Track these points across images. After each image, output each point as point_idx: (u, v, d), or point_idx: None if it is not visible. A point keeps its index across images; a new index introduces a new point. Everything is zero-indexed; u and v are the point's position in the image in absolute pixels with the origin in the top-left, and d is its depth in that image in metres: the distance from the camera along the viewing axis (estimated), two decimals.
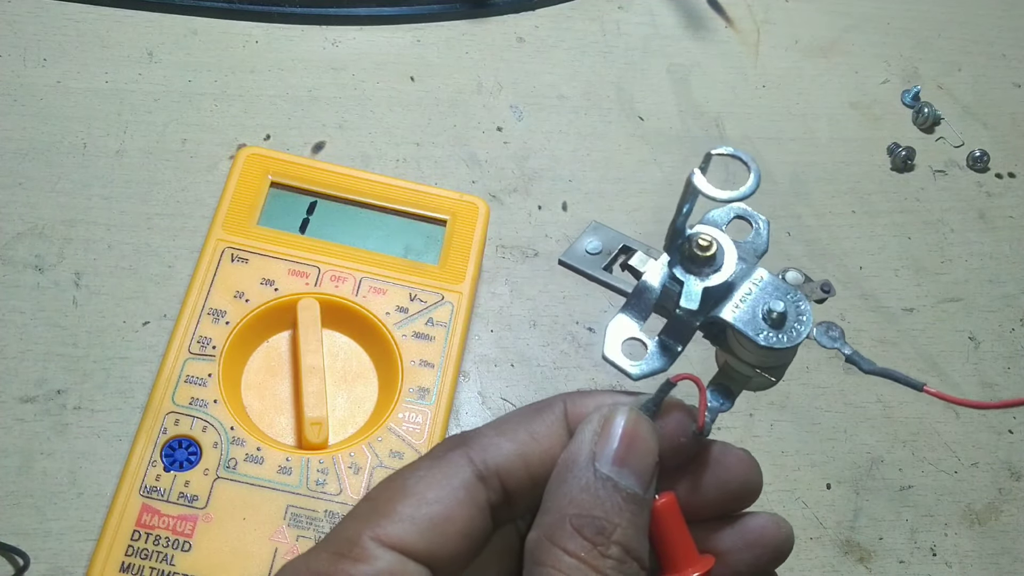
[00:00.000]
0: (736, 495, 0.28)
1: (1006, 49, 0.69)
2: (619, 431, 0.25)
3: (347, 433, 0.45)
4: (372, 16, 0.60)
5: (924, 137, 0.63)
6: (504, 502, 0.26)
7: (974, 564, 0.49)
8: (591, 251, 0.33)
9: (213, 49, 0.58)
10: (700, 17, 0.66)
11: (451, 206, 0.50)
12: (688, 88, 0.62)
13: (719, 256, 0.28)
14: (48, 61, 0.55)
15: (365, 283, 0.47)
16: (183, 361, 0.44)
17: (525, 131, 0.58)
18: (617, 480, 0.24)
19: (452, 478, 0.25)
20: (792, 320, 0.28)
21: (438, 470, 0.25)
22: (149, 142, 0.54)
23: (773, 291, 0.28)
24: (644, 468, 0.25)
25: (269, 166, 0.50)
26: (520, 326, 0.52)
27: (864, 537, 0.48)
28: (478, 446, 0.25)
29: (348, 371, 0.46)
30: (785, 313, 0.28)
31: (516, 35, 0.62)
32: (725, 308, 0.28)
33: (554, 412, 0.27)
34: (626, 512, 0.24)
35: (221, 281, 0.46)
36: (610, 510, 0.24)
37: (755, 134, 0.61)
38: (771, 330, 0.27)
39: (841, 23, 0.68)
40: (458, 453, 0.25)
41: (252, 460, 0.42)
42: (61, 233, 0.50)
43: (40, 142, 0.53)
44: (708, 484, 0.27)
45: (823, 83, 0.65)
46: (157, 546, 0.40)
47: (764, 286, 0.28)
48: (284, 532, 0.41)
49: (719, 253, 0.28)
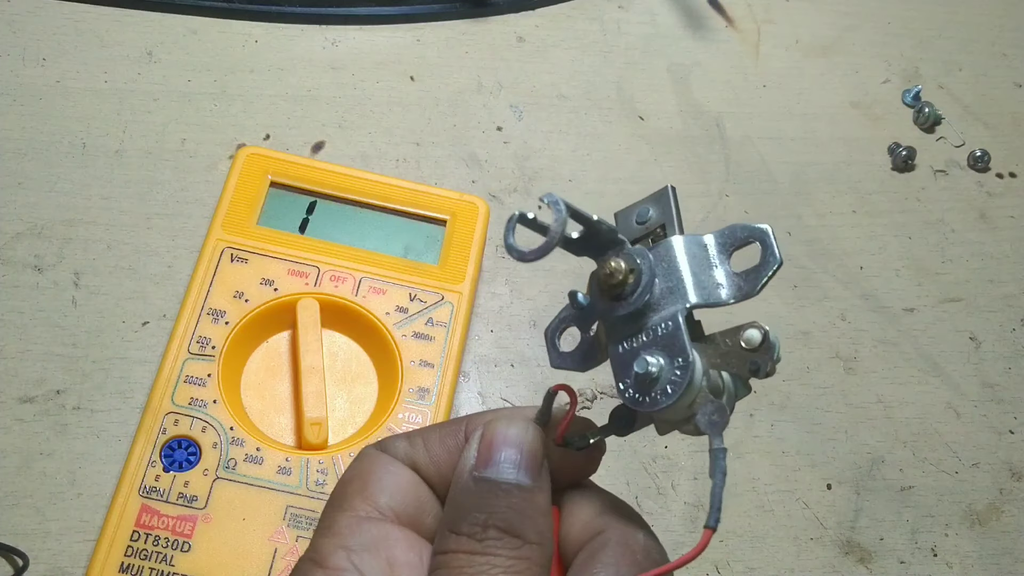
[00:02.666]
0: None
1: (1007, 49, 0.69)
2: (492, 438, 0.27)
3: (347, 433, 0.45)
4: (372, 16, 0.60)
5: (925, 137, 0.63)
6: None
7: (975, 564, 0.48)
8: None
9: (212, 49, 0.58)
10: (700, 17, 0.66)
11: (451, 206, 0.50)
12: (688, 88, 0.62)
13: (633, 285, 0.26)
14: (47, 61, 0.55)
15: (365, 283, 0.47)
16: (183, 361, 0.44)
17: (525, 131, 0.58)
18: (494, 478, 0.26)
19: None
20: (660, 385, 0.25)
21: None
22: (148, 142, 0.54)
23: (667, 344, 0.25)
24: (521, 462, 0.27)
25: (269, 166, 0.50)
26: (520, 326, 0.52)
27: (865, 537, 0.48)
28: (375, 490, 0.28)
29: (348, 371, 0.46)
30: (651, 376, 0.25)
31: (516, 35, 0.62)
32: (620, 334, 0.26)
33: (456, 434, 0.29)
34: (502, 500, 0.26)
35: (221, 281, 0.46)
36: (487, 504, 0.26)
37: (755, 134, 0.61)
38: (635, 384, 0.25)
39: (842, 23, 0.68)
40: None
41: (251, 460, 0.42)
42: (60, 233, 0.50)
43: (39, 142, 0.52)
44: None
45: (824, 83, 0.64)
46: (156, 546, 0.40)
47: (666, 335, 0.25)
48: (284, 532, 0.41)
49: (635, 282, 0.26)
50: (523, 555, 0.25)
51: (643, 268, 0.26)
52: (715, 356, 0.25)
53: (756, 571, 0.47)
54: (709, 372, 0.25)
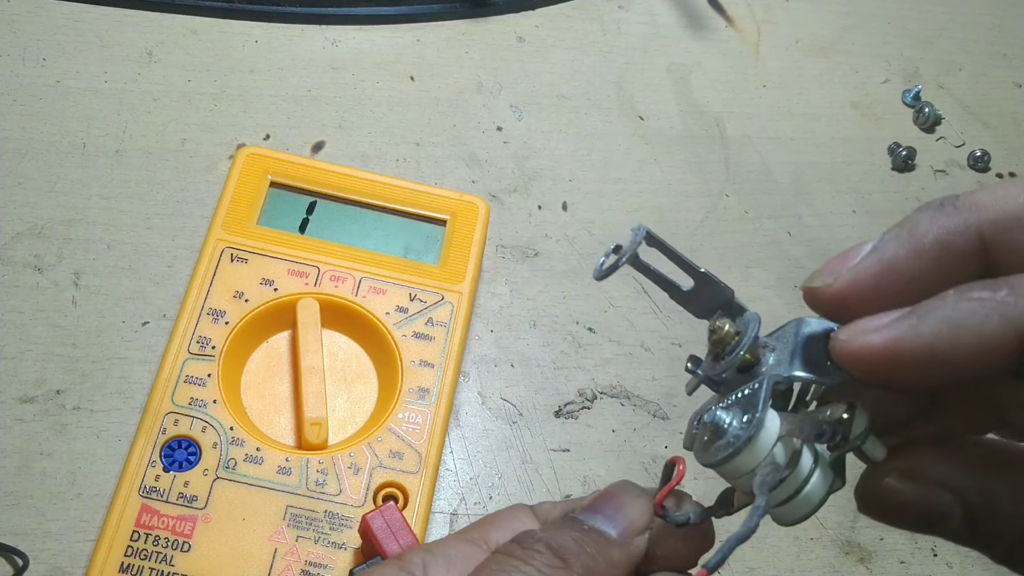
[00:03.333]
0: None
1: (1007, 49, 0.69)
2: (606, 491, 0.26)
3: (347, 433, 0.45)
4: (372, 16, 0.60)
5: (925, 137, 0.63)
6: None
7: (975, 564, 0.48)
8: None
9: (212, 49, 0.58)
10: (700, 17, 0.66)
11: (451, 206, 0.50)
12: (688, 88, 0.62)
13: (733, 346, 0.26)
14: (47, 61, 0.55)
15: (365, 283, 0.47)
16: (182, 361, 0.44)
17: (525, 131, 0.58)
18: (582, 520, 0.25)
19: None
20: (725, 438, 0.24)
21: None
22: (148, 142, 0.54)
23: (746, 403, 0.25)
24: (616, 517, 0.26)
25: (269, 166, 0.50)
26: (520, 326, 0.52)
27: (865, 537, 0.48)
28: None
29: (348, 371, 0.46)
30: (718, 428, 0.24)
31: (516, 35, 0.62)
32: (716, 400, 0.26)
33: (518, 519, 0.27)
34: (573, 533, 0.25)
35: (220, 281, 0.46)
36: (557, 531, 0.25)
37: (755, 134, 0.61)
38: (701, 434, 0.25)
39: (841, 23, 0.68)
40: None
41: (251, 460, 0.42)
42: (60, 233, 0.50)
43: (39, 142, 0.52)
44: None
45: (823, 83, 0.64)
46: (156, 546, 0.40)
47: (749, 395, 0.25)
48: (284, 532, 0.41)
49: (736, 343, 0.25)
50: (555, 575, 0.24)
51: (747, 329, 0.26)
52: (794, 423, 0.24)
53: (756, 571, 0.47)
54: (788, 444, 0.24)
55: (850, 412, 0.24)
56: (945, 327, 0.22)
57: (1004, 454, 0.25)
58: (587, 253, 0.54)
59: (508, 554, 0.24)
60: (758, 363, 0.26)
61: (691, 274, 0.27)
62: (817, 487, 0.25)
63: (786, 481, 0.24)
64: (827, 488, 0.25)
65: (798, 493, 0.25)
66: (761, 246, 0.57)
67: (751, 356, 0.26)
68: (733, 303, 0.27)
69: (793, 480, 0.24)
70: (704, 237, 0.56)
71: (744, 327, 0.26)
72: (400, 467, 0.43)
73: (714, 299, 0.27)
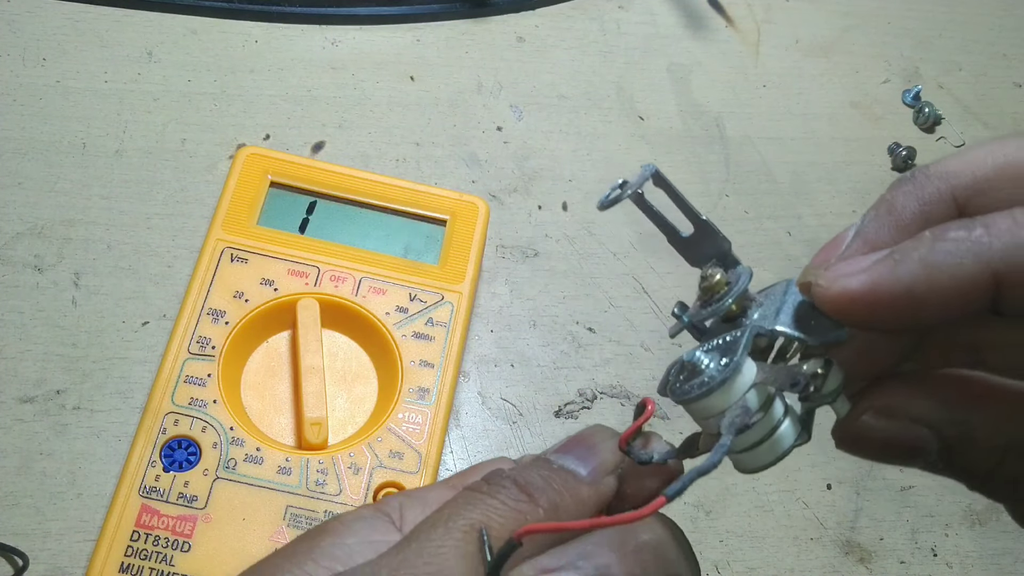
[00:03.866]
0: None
1: (1007, 49, 0.69)
2: (577, 435, 0.26)
3: (347, 433, 0.45)
4: (372, 16, 0.60)
5: (925, 137, 0.63)
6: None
7: (975, 564, 0.48)
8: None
9: (212, 49, 0.58)
10: (700, 17, 0.66)
11: (451, 206, 0.50)
12: (688, 88, 0.62)
13: (722, 295, 0.26)
14: (47, 61, 0.55)
15: (365, 283, 0.47)
16: (182, 361, 0.44)
17: (525, 131, 0.58)
18: (552, 459, 0.25)
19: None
20: (699, 378, 0.24)
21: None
22: (148, 142, 0.54)
23: (726, 348, 0.25)
24: (587, 454, 0.26)
25: (268, 166, 0.50)
26: (520, 326, 0.52)
27: (865, 537, 0.48)
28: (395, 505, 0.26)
29: (348, 371, 0.46)
30: (696, 368, 0.25)
31: (516, 35, 0.62)
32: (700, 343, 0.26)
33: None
34: (543, 471, 0.25)
35: (220, 281, 0.46)
36: (528, 470, 0.25)
37: (755, 134, 0.61)
38: (677, 372, 0.25)
39: (841, 23, 0.68)
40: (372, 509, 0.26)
41: (252, 460, 0.42)
42: (60, 233, 0.50)
43: (39, 142, 0.52)
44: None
45: (824, 83, 0.64)
46: (156, 547, 0.40)
47: (729, 341, 0.25)
48: (284, 532, 0.41)
49: (725, 292, 0.26)
50: (520, 509, 0.24)
51: (738, 280, 0.26)
52: (770, 373, 0.25)
53: (756, 571, 0.47)
54: (762, 391, 0.25)
55: (826, 368, 0.24)
56: (922, 269, 0.22)
57: (977, 388, 0.25)
58: (587, 253, 0.54)
59: (475, 489, 0.24)
60: (743, 315, 0.26)
61: (692, 220, 0.27)
62: (784, 438, 0.25)
63: (755, 427, 0.24)
64: (794, 440, 0.25)
65: (764, 441, 0.25)
66: (761, 246, 0.57)
67: (737, 307, 0.26)
68: (729, 255, 0.27)
69: (762, 427, 0.25)
70: None
71: (735, 279, 0.26)
72: (400, 467, 0.43)
73: (711, 249, 0.27)
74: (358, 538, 0.25)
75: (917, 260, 0.22)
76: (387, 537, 0.24)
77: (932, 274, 0.22)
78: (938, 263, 0.22)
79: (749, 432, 0.24)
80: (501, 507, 0.23)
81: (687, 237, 0.27)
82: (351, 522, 0.25)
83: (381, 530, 0.25)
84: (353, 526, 0.25)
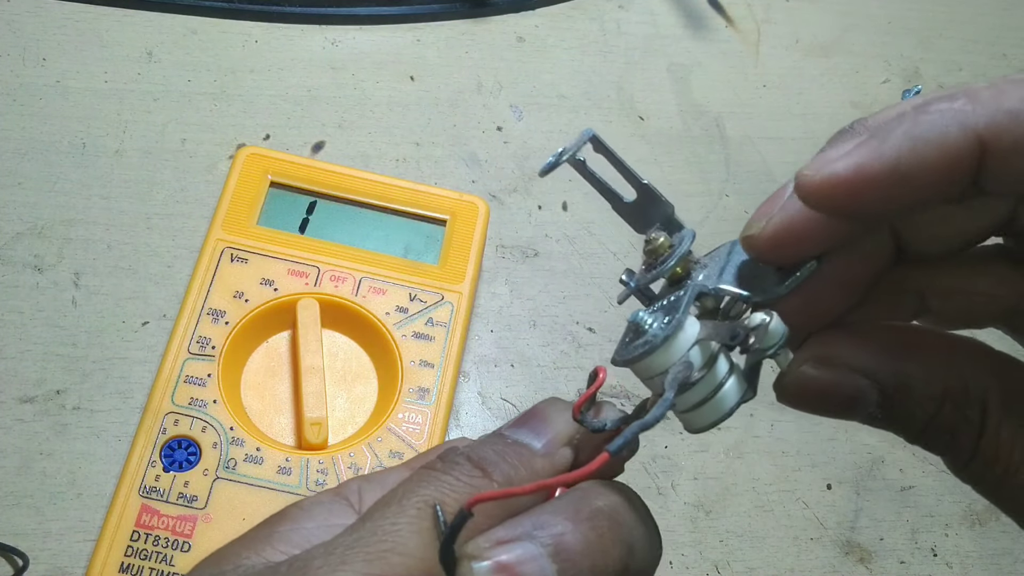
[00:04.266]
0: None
1: (1007, 49, 0.69)
2: (532, 409, 0.26)
3: (347, 433, 0.45)
4: (372, 16, 0.60)
5: None
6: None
7: (975, 564, 0.48)
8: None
9: (212, 49, 0.58)
10: (700, 17, 0.66)
11: (451, 206, 0.50)
12: (688, 88, 0.62)
13: (665, 257, 0.26)
14: (47, 61, 0.55)
15: (365, 283, 0.47)
16: (182, 361, 0.44)
17: (525, 131, 0.58)
18: (506, 434, 0.25)
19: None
20: (643, 337, 0.25)
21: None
22: (148, 142, 0.54)
23: (669, 308, 0.25)
24: (541, 426, 0.26)
25: (268, 166, 0.50)
26: (520, 326, 0.52)
27: (865, 537, 0.48)
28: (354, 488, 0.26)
29: (348, 371, 0.46)
30: (640, 328, 0.25)
31: (516, 35, 0.62)
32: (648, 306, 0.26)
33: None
34: (496, 445, 0.25)
35: (220, 281, 0.46)
36: (481, 445, 0.25)
37: (756, 134, 0.61)
38: (624, 336, 0.25)
39: (842, 23, 0.68)
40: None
41: (252, 460, 0.42)
42: (60, 233, 0.50)
43: (39, 142, 0.52)
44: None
45: (824, 83, 0.64)
46: (156, 546, 0.40)
47: (673, 301, 0.25)
48: None
49: (669, 254, 0.26)
50: (474, 484, 0.24)
51: (680, 243, 0.26)
52: (712, 329, 0.25)
53: (756, 571, 0.47)
54: (705, 348, 0.25)
55: (766, 319, 0.24)
56: (907, 143, 0.22)
57: (914, 338, 0.25)
58: (587, 253, 0.54)
59: (430, 467, 0.24)
60: (688, 277, 0.26)
61: (635, 186, 0.27)
62: (730, 394, 0.25)
63: (700, 384, 0.24)
64: (739, 396, 0.25)
65: (711, 398, 0.25)
66: None
67: (682, 269, 0.26)
68: (673, 220, 0.27)
69: (706, 384, 0.25)
70: (704, 237, 0.56)
71: (679, 242, 0.26)
72: None
73: (655, 214, 0.27)
74: (316, 523, 0.25)
75: (901, 134, 0.22)
76: (345, 520, 0.24)
77: (917, 146, 0.22)
78: (922, 135, 0.22)
79: (693, 389, 0.25)
80: (455, 483, 0.23)
81: (631, 203, 0.28)
82: (309, 507, 0.25)
83: (339, 513, 0.25)
84: (312, 511, 0.25)
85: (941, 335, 0.26)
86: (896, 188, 0.22)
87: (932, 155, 0.22)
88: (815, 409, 0.26)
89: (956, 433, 0.24)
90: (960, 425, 0.24)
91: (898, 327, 0.26)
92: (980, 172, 0.22)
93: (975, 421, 0.24)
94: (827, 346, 0.25)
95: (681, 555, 0.47)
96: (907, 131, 0.22)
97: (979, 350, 0.25)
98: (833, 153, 0.23)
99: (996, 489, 0.24)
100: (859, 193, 0.22)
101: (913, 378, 0.24)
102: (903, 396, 0.25)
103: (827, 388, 0.25)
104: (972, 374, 0.24)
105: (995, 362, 0.25)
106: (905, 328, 0.26)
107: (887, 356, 0.25)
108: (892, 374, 0.25)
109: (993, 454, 0.24)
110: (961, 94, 0.22)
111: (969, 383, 0.24)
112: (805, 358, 0.25)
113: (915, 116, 0.22)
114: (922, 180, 0.22)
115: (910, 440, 0.25)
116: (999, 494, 0.25)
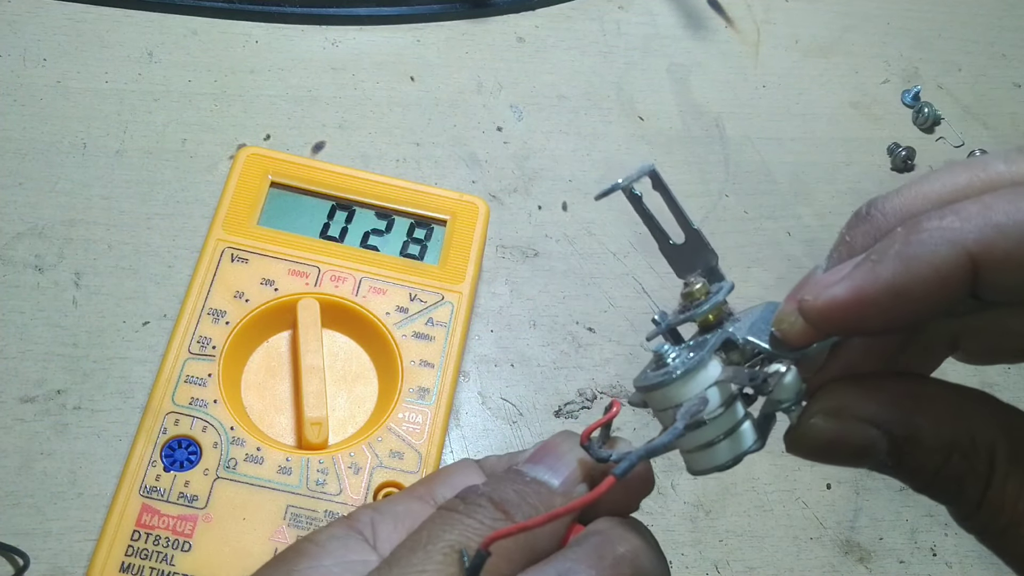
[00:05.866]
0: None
1: (1006, 49, 0.69)
2: (546, 444, 0.27)
3: (347, 433, 0.45)
4: (372, 16, 0.60)
5: (924, 137, 0.63)
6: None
7: (974, 564, 0.48)
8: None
9: (213, 49, 0.58)
10: (700, 17, 0.66)
11: (451, 206, 0.50)
12: (688, 88, 0.62)
13: (700, 302, 0.27)
14: (48, 61, 0.55)
15: (365, 283, 0.47)
16: (183, 361, 0.44)
17: (525, 131, 0.58)
18: (524, 472, 0.26)
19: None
20: (664, 368, 0.25)
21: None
22: (149, 142, 0.54)
23: (696, 346, 0.26)
24: (556, 466, 0.26)
25: (269, 166, 0.50)
26: (520, 326, 0.52)
27: (864, 537, 0.48)
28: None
29: (348, 371, 0.46)
30: (662, 359, 0.25)
31: (516, 35, 0.62)
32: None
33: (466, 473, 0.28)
34: (516, 485, 0.25)
35: (221, 281, 0.46)
36: (501, 485, 0.25)
37: (755, 134, 0.61)
38: (649, 365, 0.26)
39: (841, 23, 0.68)
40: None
41: (252, 460, 0.42)
42: (61, 233, 0.50)
43: (40, 142, 0.52)
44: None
45: (823, 83, 0.65)
46: (157, 546, 0.40)
47: (701, 341, 0.26)
48: (284, 532, 0.41)
49: (704, 299, 0.27)
50: (498, 528, 0.24)
51: (719, 291, 0.27)
52: (734, 373, 0.25)
53: (756, 571, 0.47)
54: (724, 390, 0.25)
55: (784, 368, 0.25)
56: (901, 264, 0.22)
57: (923, 389, 0.26)
58: (587, 253, 0.54)
59: (451, 509, 0.24)
60: (719, 325, 0.26)
61: (685, 229, 0.28)
62: (741, 440, 0.26)
63: (712, 425, 0.25)
64: (749, 444, 0.26)
65: (720, 440, 0.25)
66: (761, 246, 0.57)
67: (714, 317, 0.26)
68: (715, 271, 0.28)
69: (719, 425, 0.25)
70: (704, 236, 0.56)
71: (716, 290, 0.27)
72: (400, 467, 0.43)
73: (698, 261, 0.28)
74: (334, 559, 0.25)
75: (894, 255, 0.22)
76: (362, 556, 0.25)
77: (911, 266, 0.22)
78: (915, 254, 0.22)
79: (705, 428, 0.25)
80: (479, 527, 0.24)
81: (677, 245, 0.28)
82: (324, 542, 0.25)
83: (355, 549, 0.25)
84: (327, 546, 0.25)
85: (949, 386, 0.26)
86: (895, 307, 0.23)
87: (926, 273, 0.22)
88: (825, 459, 0.26)
89: (963, 484, 0.25)
90: (967, 476, 0.24)
91: (907, 377, 0.27)
92: (976, 285, 0.22)
93: (982, 472, 0.24)
94: (837, 398, 0.26)
95: (681, 555, 0.47)
96: (899, 252, 0.23)
97: (987, 402, 0.25)
98: (830, 277, 0.24)
99: (1000, 539, 0.25)
100: (860, 314, 0.23)
101: (922, 429, 0.25)
102: (913, 446, 0.25)
103: (838, 439, 0.25)
104: (979, 426, 0.25)
105: (1002, 414, 0.25)
106: (914, 378, 0.27)
107: (897, 407, 0.25)
108: (902, 425, 0.25)
109: (999, 505, 0.24)
110: (949, 212, 0.23)
111: (976, 435, 0.24)
112: (816, 410, 0.26)
113: (907, 236, 0.23)
114: (919, 298, 0.23)
115: (918, 489, 0.26)
116: (1003, 544, 0.25)
